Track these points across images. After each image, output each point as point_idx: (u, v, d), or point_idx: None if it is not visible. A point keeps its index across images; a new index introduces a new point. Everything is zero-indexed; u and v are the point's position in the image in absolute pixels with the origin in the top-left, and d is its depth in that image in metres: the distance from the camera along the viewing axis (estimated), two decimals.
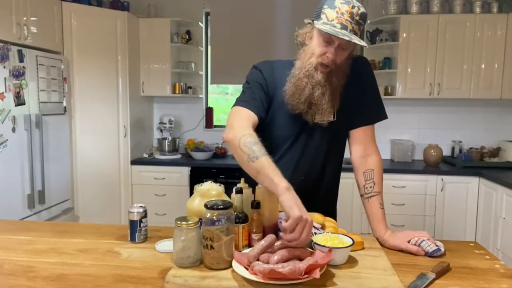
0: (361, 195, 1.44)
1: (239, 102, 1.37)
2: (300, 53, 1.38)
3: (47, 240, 1.33)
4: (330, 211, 1.52)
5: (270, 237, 1.07)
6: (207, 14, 4.09)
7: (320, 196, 1.50)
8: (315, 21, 1.29)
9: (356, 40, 1.22)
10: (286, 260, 1.00)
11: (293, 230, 1.02)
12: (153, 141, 4.19)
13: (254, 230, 1.16)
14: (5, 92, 2.55)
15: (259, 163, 1.14)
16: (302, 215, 1.02)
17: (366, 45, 1.27)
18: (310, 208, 1.38)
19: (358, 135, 1.47)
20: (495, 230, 3.04)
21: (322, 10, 1.27)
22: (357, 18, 1.24)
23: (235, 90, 4.42)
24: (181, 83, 3.94)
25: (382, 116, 1.50)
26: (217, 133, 4.13)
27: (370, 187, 1.40)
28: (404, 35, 3.52)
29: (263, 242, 1.05)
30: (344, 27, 1.23)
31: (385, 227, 1.35)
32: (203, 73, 4.16)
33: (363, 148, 1.46)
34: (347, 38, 1.21)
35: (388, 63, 3.73)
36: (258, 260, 1.02)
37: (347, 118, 1.43)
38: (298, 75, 1.35)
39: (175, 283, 1.00)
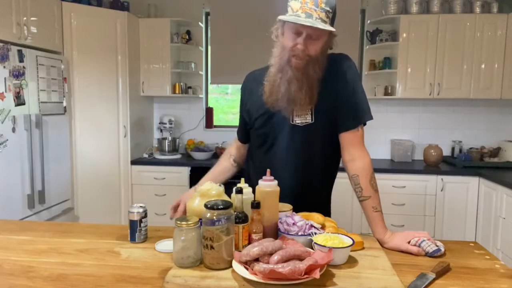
0: (357, 198, 1.43)
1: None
2: (273, 51, 1.39)
3: (47, 240, 1.33)
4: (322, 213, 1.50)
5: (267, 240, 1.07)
6: (207, 14, 4.09)
7: (309, 199, 1.47)
8: (280, 16, 1.29)
9: (320, 25, 1.21)
10: (286, 260, 1.00)
11: None
12: (153, 141, 4.19)
13: (254, 230, 1.15)
14: (5, 92, 2.55)
15: None
16: None
17: (333, 29, 1.26)
18: (302, 209, 1.36)
19: (340, 141, 1.44)
20: (495, 230, 3.04)
21: (288, 3, 1.29)
22: (322, 5, 1.24)
23: (235, 90, 4.42)
24: (181, 83, 3.94)
25: (361, 119, 1.41)
26: (217, 133, 4.13)
27: (359, 191, 1.38)
28: (404, 35, 3.52)
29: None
30: (309, 15, 1.23)
31: (384, 228, 1.33)
32: (203, 73, 4.16)
33: (346, 153, 1.43)
34: (309, 24, 1.21)
35: (388, 63, 3.73)
36: (257, 260, 1.02)
37: (325, 119, 1.41)
38: (272, 71, 1.38)
39: (175, 283, 1.00)
